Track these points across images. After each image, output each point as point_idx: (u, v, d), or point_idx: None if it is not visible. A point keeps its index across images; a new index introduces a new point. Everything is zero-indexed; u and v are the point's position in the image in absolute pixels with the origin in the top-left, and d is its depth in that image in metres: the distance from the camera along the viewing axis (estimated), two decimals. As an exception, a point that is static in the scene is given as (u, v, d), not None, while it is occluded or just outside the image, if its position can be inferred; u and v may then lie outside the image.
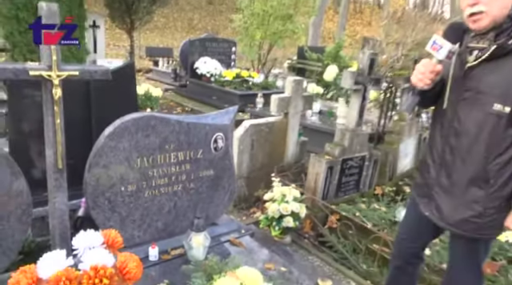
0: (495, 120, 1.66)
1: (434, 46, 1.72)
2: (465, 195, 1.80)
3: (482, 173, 1.74)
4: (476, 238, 1.87)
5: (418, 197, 2.05)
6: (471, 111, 1.73)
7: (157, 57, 12.07)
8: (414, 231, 2.15)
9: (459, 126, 1.78)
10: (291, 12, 9.49)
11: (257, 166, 3.82)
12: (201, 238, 2.13)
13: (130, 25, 7.63)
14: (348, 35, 22.77)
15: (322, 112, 6.21)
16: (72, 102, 2.66)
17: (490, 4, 1.59)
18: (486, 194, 1.76)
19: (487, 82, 1.68)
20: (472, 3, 1.62)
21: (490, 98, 1.66)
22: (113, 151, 2.04)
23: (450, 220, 1.87)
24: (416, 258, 2.21)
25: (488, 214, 1.78)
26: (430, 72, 1.73)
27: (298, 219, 3.11)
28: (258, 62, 10.31)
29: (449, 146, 1.84)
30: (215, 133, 2.40)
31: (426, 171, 1.98)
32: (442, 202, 1.89)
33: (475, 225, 1.81)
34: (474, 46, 1.73)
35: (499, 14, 1.61)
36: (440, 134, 1.90)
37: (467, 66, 1.73)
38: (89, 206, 2.07)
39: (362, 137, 3.79)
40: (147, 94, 6.11)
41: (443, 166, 1.88)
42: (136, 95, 3.02)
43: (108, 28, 13.29)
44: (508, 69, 1.63)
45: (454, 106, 1.80)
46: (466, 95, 1.74)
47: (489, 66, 1.67)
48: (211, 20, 24.72)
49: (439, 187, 1.90)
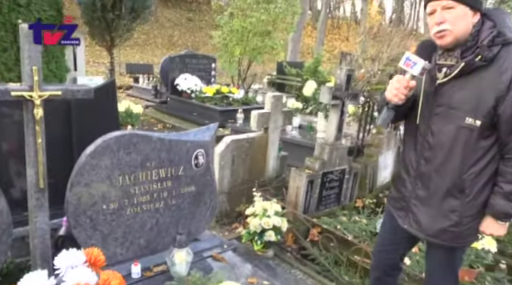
0: (467, 133, 1.75)
1: (407, 63, 1.80)
2: (442, 206, 1.88)
3: (458, 183, 1.82)
4: (454, 246, 1.94)
5: (395, 210, 2.11)
6: (444, 125, 1.81)
7: (137, 73, 12.09)
8: (390, 243, 2.20)
9: (433, 140, 1.86)
10: (270, 28, 9.64)
11: (238, 182, 3.85)
12: (183, 255, 2.15)
13: (109, 42, 7.62)
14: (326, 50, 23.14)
15: (302, 126, 6.31)
16: (53, 120, 2.66)
17: (454, 23, 1.71)
18: (462, 203, 1.83)
19: (458, 97, 1.76)
20: (439, 22, 1.72)
21: (461, 113, 1.75)
22: (94, 169, 2.05)
23: (429, 231, 1.94)
24: (394, 269, 2.26)
25: (465, 223, 1.85)
26: (404, 87, 1.80)
27: (280, 233, 3.15)
28: (238, 77, 10.41)
29: (424, 159, 1.91)
30: (196, 149, 2.43)
31: (402, 185, 2.04)
32: (420, 214, 1.95)
33: (453, 234, 1.88)
34: (442, 63, 1.82)
35: (462, 33, 1.72)
36: (414, 148, 1.97)
37: (438, 83, 1.82)
38: (70, 224, 2.06)
39: (341, 150, 3.86)
40: (128, 110, 6.10)
41: (419, 178, 1.94)
42: (117, 113, 3.04)
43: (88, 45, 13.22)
44: (476, 84, 1.72)
45: (426, 120, 1.88)
46: (439, 110, 1.83)
47: (458, 83, 1.76)
48: (191, 36, 24.86)
49: (416, 200, 1.97)
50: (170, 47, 22.32)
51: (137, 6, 7.26)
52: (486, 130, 1.74)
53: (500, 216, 1.81)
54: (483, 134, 1.75)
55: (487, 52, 1.68)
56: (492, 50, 1.68)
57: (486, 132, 1.75)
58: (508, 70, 1.66)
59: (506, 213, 1.79)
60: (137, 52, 20.55)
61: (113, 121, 2.94)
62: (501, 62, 1.68)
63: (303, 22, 18.27)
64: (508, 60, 1.67)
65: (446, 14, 1.71)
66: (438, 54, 1.86)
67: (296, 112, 6.43)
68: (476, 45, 1.71)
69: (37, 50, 1.76)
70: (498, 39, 1.69)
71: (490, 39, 1.69)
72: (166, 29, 24.52)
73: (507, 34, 1.69)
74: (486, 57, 1.68)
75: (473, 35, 1.73)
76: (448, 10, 1.70)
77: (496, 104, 1.68)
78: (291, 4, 9.88)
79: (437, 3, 1.72)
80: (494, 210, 1.81)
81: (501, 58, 1.68)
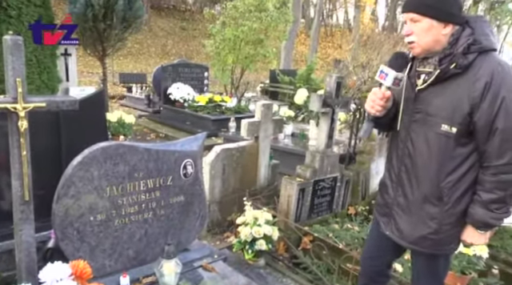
0: (444, 140, 1.77)
1: (381, 75, 1.84)
2: (421, 213, 1.89)
3: (436, 191, 1.83)
4: (435, 253, 1.95)
5: (379, 216, 2.13)
6: (422, 132, 1.84)
7: (130, 83, 12.08)
8: (376, 250, 2.22)
9: (412, 147, 1.89)
10: (262, 37, 9.68)
11: (229, 191, 3.84)
12: (172, 265, 2.14)
13: (101, 52, 7.60)
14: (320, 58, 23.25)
15: (295, 134, 6.32)
16: (41, 131, 2.66)
17: (419, 35, 1.76)
18: (440, 211, 1.84)
19: (434, 104, 1.79)
20: (407, 34, 1.78)
21: (438, 120, 1.77)
22: (81, 181, 2.04)
23: (409, 238, 1.95)
24: (381, 276, 2.27)
25: (444, 231, 1.86)
26: (380, 99, 1.84)
27: (271, 242, 3.14)
28: (231, 86, 10.43)
29: (404, 166, 1.93)
30: (184, 159, 2.43)
31: (385, 191, 2.07)
32: (401, 221, 1.97)
33: (432, 241, 1.89)
34: (421, 70, 1.86)
35: (429, 45, 1.76)
36: (396, 155, 2.00)
37: (417, 89, 1.85)
38: (57, 237, 2.05)
39: (332, 158, 3.87)
40: (120, 121, 6.06)
41: (400, 185, 1.97)
42: (106, 123, 3.03)
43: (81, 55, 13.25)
44: (452, 92, 1.74)
45: (406, 127, 1.91)
46: (417, 117, 1.86)
47: (435, 90, 1.79)
48: (184, 45, 24.92)
49: (397, 206, 1.99)
50: (164, 56, 22.37)
51: (128, 15, 7.25)
52: (462, 138, 1.75)
53: (479, 225, 1.81)
54: (460, 142, 1.76)
55: (462, 59, 1.69)
56: (467, 57, 1.69)
57: (463, 139, 1.76)
58: (482, 78, 1.66)
59: (484, 222, 1.79)
60: (130, 61, 20.56)
61: (101, 131, 2.94)
62: (476, 69, 1.69)
63: (296, 30, 18.38)
64: (483, 68, 1.68)
65: (414, 27, 1.77)
66: (418, 61, 1.89)
67: (288, 120, 6.45)
68: (452, 54, 1.73)
69: (21, 62, 1.75)
70: (474, 47, 1.70)
71: (466, 47, 1.70)
72: (160, 38, 24.57)
73: (483, 42, 1.70)
74: (460, 64, 1.69)
75: (451, 43, 1.74)
76: (414, 24, 1.75)
77: (471, 111, 1.70)
78: (283, 12, 9.94)
79: (406, 15, 1.78)
80: (473, 220, 1.81)
81: (476, 66, 1.69)
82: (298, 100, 5.38)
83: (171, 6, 27.85)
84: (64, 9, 13.96)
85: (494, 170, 1.72)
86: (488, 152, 1.72)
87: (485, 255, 3.04)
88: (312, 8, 32.11)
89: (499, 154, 1.69)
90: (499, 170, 1.71)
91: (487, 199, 1.75)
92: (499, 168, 1.71)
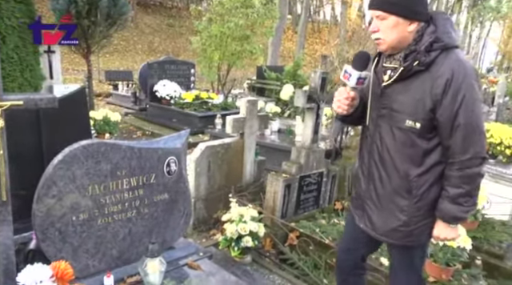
0: (409, 135, 1.82)
1: (345, 75, 1.87)
2: (391, 206, 1.95)
3: (404, 184, 1.88)
4: (407, 245, 2.00)
5: (354, 209, 2.18)
6: (389, 127, 1.88)
7: (116, 81, 11.97)
8: (352, 243, 2.26)
9: (380, 142, 1.93)
10: (248, 33, 9.65)
11: (215, 188, 3.83)
12: (156, 264, 2.12)
13: (86, 49, 7.51)
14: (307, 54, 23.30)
15: (281, 130, 6.33)
16: (21, 130, 2.62)
17: (385, 33, 1.79)
18: (409, 203, 1.90)
19: (399, 100, 1.83)
20: (373, 31, 1.81)
21: (402, 116, 1.82)
22: (62, 180, 2.01)
23: (380, 231, 2.01)
24: (357, 268, 2.31)
25: (414, 223, 1.92)
26: (345, 99, 1.87)
27: (257, 239, 3.14)
28: (217, 83, 10.39)
29: (373, 161, 1.98)
30: (167, 157, 2.40)
31: (358, 185, 2.12)
32: (373, 214, 2.03)
33: (403, 233, 1.95)
34: (387, 66, 1.90)
35: (395, 41, 1.79)
36: (366, 150, 2.04)
37: (382, 85, 1.89)
38: (38, 238, 2.01)
39: (318, 153, 3.88)
40: (106, 119, 6.01)
41: (371, 179, 2.02)
42: (89, 121, 2.99)
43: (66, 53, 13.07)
44: (415, 88, 1.78)
45: (374, 122, 1.95)
46: (383, 112, 1.90)
47: (400, 86, 1.83)
48: (171, 42, 24.77)
49: (369, 200, 2.04)
50: (151, 53, 22.20)
51: (113, 12, 7.17)
52: (426, 133, 1.80)
53: (449, 220, 1.86)
54: (425, 136, 1.81)
55: (424, 57, 1.73)
56: (430, 55, 1.73)
57: (428, 134, 1.81)
58: (444, 75, 1.71)
59: (454, 216, 1.84)
60: (116, 58, 20.38)
61: (84, 129, 2.89)
62: (438, 67, 1.73)
63: (283, 27, 18.36)
64: (445, 65, 1.72)
65: (380, 24, 1.79)
66: (384, 57, 1.93)
67: (275, 116, 6.44)
68: (416, 51, 1.77)
69: (-3, 60, 1.71)
70: (436, 45, 1.74)
71: (428, 45, 1.74)
72: (146, 35, 24.38)
73: (445, 40, 1.74)
74: (423, 62, 1.73)
75: (416, 40, 1.78)
76: (380, 21, 1.78)
77: (434, 107, 1.74)
78: (269, 9, 9.92)
79: (372, 12, 1.81)
80: (443, 214, 1.85)
81: (438, 63, 1.73)
82: (284, 96, 5.39)
83: (158, 2, 27.64)
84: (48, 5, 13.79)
85: (459, 166, 1.77)
86: (452, 148, 1.77)
87: (468, 247, 3.08)
88: (299, 4, 32.11)
89: (463, 149, 1.75)
90: (464, 165, 1.76)
91: (455, 194, 1.79)
92: (464, 163, 1.75)
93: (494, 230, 3.68)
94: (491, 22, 35.23)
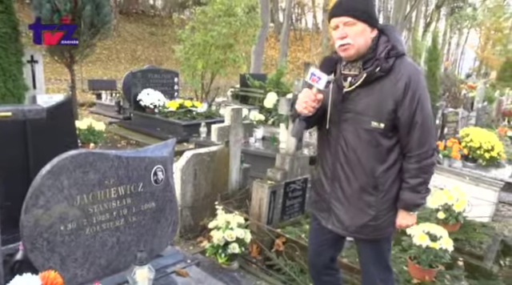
0: (374, 135, 1.97)
1: (312, 78, 1.95)
2: (359, 203, 2.07)
3: (371, 181, 2.02)
4: (377, 239, 2.14)
5: (318, 212, 2.27)
6: (353, 129, 2.01)
7: (100, 90, 11.91)
8: (319, 245, 2.35)
9: (345, 143, 2.04)
10: (231, 41, 9.73)
11: (201, 196, 3.86)
12: (145, 272, 2.14)
13: (69, 58, 7.48)
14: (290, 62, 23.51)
15: (266, 138, 6.38)
16: (7, 141, 2.62)
17: (354, 39, 1.91)
18: (377, 199, 2.04)
19: (363, 104, 1.97)
20: (341, 37, 1.92)
21: (367, 118, 1.96)
22: (51, 190, 2.02)
23: (351, 228, 2.11)
24: (328, 269, 2.40)
25: (381, 216, 2.06)
26: (312, 101, 1.96)
27: (244, 245, 3.18)
28: (201, 91, 10.42)
29: (339, 162, 2.08)
30: (154, 166, 2.43)
31: (321, 188, 2.21)
32: (341, 213, 2.12)
33: (372, 227, 2.08)
34: (347, 73, 2.03)
35: (362, 46, 1.93)
36: (329, 152, 2.14)
37: (344, 91, 2.01)
38: (26, 248, 2.02)
39: (302, 160, 3.94)
40: (90, 128, 5.99)
41: (336, 180, 2.12)
42: (76, 132, 3.00)
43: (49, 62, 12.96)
44: (377, 92, 1.94)
45: (337, 126, 2.06)
46: (347, 116, 2.02)
47: (362, 91, 1.97)
48: (154, 51, 24.75)
49: (335, 200, 2.13)
50: (134, 62, 22.15)
51: (96, 21, 7.17)
52: (389, 132, 1.97)
53: (410, 207, 2.06)
54: (387, 135, 1.97)
55: (385, 64, 1.90)
56: (388, 61, 1.91)
57: (389, 133, 1.97)
58: (402, 78, 1.90)
59: (415, 204, 2.04)
60: (99, 68, 20.26)
61: (71, 140, 2.90)
62: (396, 71, 1.91)
63: (265, 35, 18.51)
64: (402, 70, 1.91)
65: (348, 30, 1.91)
66: (342, 65, 2.05)
67: (259, 124, 6.50)
68: (375, 57, 1.94)
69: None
70: (393, 52, 1.92)
71: (386, 52, 1.92)
72: (129, 43, 24.32)
73: (399, 48, 1.93)
74: (383, 68, 1.90)
75: (372, 48, 1.95)
76: (349, 27, 1.90)
77: (395, 108, 1.92)
78: (252, 17, 10.03)
79: (339, 20, 1.92)
80: (406, 204, 2.04)
81: (396, 68, 1.91)
82: (268, 103, 5.45)
83: (140, 11, 27.62)
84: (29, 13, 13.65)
85: (417, 158, 1.97)
86: (410, 143, 1.97)
87: (450, 249, 3.16)
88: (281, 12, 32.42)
89: (419, 144, 1.95)
90: (421, 157, 1.97)
91: (415, 184, 1.99)
92: (421, 155, 1.97)
93: (474, 232, 3.80)
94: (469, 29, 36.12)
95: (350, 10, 1.89)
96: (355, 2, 1.91)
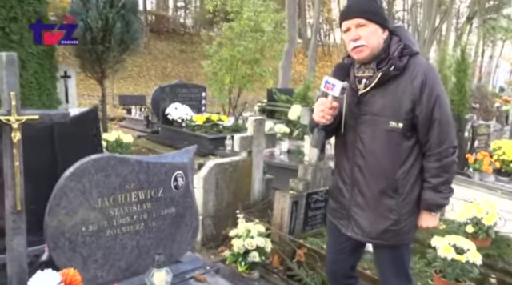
0: (393, 136, 1.94)
1: (327, 86, 1.96)
2: (379, 207, 2.02)
3: (391, 184, 1.98)
4: (397, 244, 2.08)
5: (337, 220, 2.22)
6: (371, 131, 1.98)
7: (130, 105, 12.25)
8: (338, 254, 2.30)
9: (363, 147, 2.01)
10: (258, 56, 9.85)
11: (223, 205, 3.89)
12: (162, 275, 2.16)
13: (100, 74, 7.77)
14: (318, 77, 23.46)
15: (291, 151, 6.39)
16: (37, 148, 2.73)
17: (368, 39, 1.91)
18: (397, 202, 1.99)
19: (379, 104, 1.95)
20: (355, 39, 1.92)
21: (384, 118, 1.94)
22: (73, 192, 2.09)
23: (371, 234, 2.06)
24: (348, 278, 2.34)
25: (403, 220, 2.01)
26: (329, 109, 1.96)
27: (264, 254, 3.16)
28: (228, 105, 10.55)
29: (357, 166, 2.05)
30: (175, 171, 2.48)
31: (340, 195, 2.17)
32: (361, 219, 2.08)
33: (394, 232, 2.02)
34: (361, 76, 2.01)
35: (375, 47, 1.93)
36: (346, 157, 2.11)
37: (360, 93, 2.00)
38: (49, 247, 2.09)
39: (325, 171, 3.92)
40: (118, 140, 6.15)
41: (355, 185, 2.08)
42: (100, 138, 3.10)
43: (82, 79, 13.46)
44: (393, 91, 1.93)
45: (353, 129, 2.04)
46: (364, 119, 2.00)
47: (377, 91, 1.96)
48: (184, 67, 25.25)
49: (355, 206, 2.09)
50: (164, 79, 22.61)
51: (126, 38, 7.44)
52: (407, 132, 1.95)
53: (433, 208, 2.02)
54: (406, 135, 1.95)
55: (399, 62, 1.90)
56: (402, 60, 1.91)
57: (408, 133, 1.95)
58: (418, 76, 1.90)
59: (437, 204, 2.01)
60: (130, 84, 20.83)
61: (96, 146, 3.00)
62: (411, 69, 1.91)
63: (292, 50, 18.60)
64: (417, 68, 1.91)
65: (361, 32, 1.92)
66: (356, 68, 2.04)
67: (284, 137, 6.52)
68: (388, 57, 1.94)
69: (15, 77, 1.83)
70: (406, 51, 1.92)
71: (399, 51, 1.92)
72: (159, 61, 24.91)
73: (412, 47, 1.95)
74: (398, 66, 1.90)
75: (384, 49, 1.95)
76: (361, 28, 1.91)
77: (413, 106, 1.91)
78: (278, 32, 10.14)
79: (351, 22, 1.93)
80: (428, 204, 2.00)
81: (410, 67, 1.91)
82: (292, 115, 5.47)
83: (171, 29, 28.32)
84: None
85: (437, 157, 1.94)
86: (430, 142, 1.94)
87: (478, 262, 3.04)
88: (309, 29, 32.62)
89: (439, 141, 1.93)
90: (442, 156, 1.94)
91: (436, 183, 1.96)
92: (442, 153, 1.94)
93: (508, 248, 3.63)
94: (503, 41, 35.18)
95: (361, 11, 1.91)
96: (365, 3, 1.92)
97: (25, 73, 5.95)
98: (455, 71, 7.32)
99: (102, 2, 6.91)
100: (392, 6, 33.95)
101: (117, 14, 7.15)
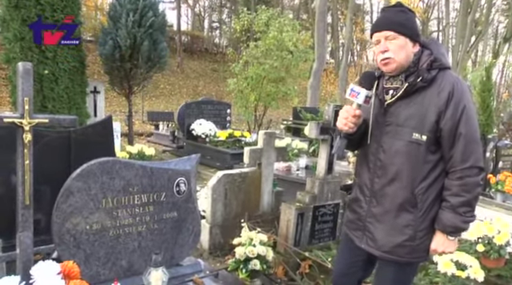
0: (415, 148, 1.91)
1: (352, 94, 2.00)
2: (396, 221, 1.98)
3: (410, 197, 1.94)
4: (410, 262, 2.02)
5: (351, 231, 2.21)
6: (394, 142, 1.97)
7: (158, 121, 12.64)
8: (349, 267, 2.28)
9: (384, 157, 2.00)
10: (283, 74, 10.02)
11: (231, 215, 3.99)
12: (159, 274, 2.28)
13: (128, 89, 8.13)
14: (348, 97, 23.39)
15: (309, 167, 6.45)
16: (53, 157, 2.95)
17: (396, 53, 1.93)
18: (415, 217, 1.94)
19: (404, 115, 1.95)
20: (383, 50, 1.95)
21: (408, 130, 1.92)
22: (79, 191, 2.26)
23: (385, 247, 2.01)
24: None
25: (419, 237, 1.96)
26: (352, 116, 1.99)
27: (266, 262, 3.23)
28: (254, 123, 10.73)
29: (377, 177, 2.03)
30: (177, 177, 2.62)
31: (358, 206, 2.16)
32: (376, 232, 2.04)
33: (408, 249, 1.97)
34: (389, 87, 2.03)
35: (403, 60, 1.94)
36: (367, 169, 2.10)
37: (386, 104, 2.01)
38: (55, 243, 2.25)
39: (333, 185, 3.97)
40: (140, 153, 6.40)
41: (373, 197, 2.06)
42: (114, 147, 3.29)
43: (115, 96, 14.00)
44: (419, 103, 1.92)
45: (377, 140, 2.04)
46: (388, 129, 2.00)
47: (403, 102, 1.96)
48: (215, 86, 25.76)
49: (372, 218, 2.06)
50: (195, 96, 23.11)
51: (153, 55, 7.79)
52: (431, 145, 1.91)
53: (449, 230, 1.91)
54: (430, 149, 1.91)
55: (426, 74, 1.90)
56: (431, 72, 1.90)
57: (432, 147, 1.91)
58: (445, 89, 1.87)
59: (454, 226, 1.89)
60: (162, 102, 21.42)
61: (109, 153, 3.19)
62: (438, 82, 1.90)
63: (321, 69, 18.72)
64: (444, 81, 1.89)
65: (389, 44, 1.93)
66: (385, 79, 2.06)
67: (302, 153, 6.59)
68: (417, 69, 1.93)
69: (29, 84, 2.02)
70: (436, 64, 1.92)
71: (429, 63, 1.92)
72: (192, 79, 25.54)
73: (442, 60, 1.93)
74: (425, 78, 1.89)
75: (414, 62, 1.95)
76: (390, 41, 1.93)
77: (437, 119, 1.87)
78: (304, 51, 10.29)
79: (381, 34, 1.95)
80: (444, 225, 1.90)
81: (438, 79, 1.90)
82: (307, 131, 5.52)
83: (203, 49, 29.08)
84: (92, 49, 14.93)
85: (459, 174, 1.86)
86: (453, 158, 1.87)
87: (480, 279, 3.01)
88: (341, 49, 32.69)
89: (463, 158, 1.85)
90: (464, 174, 1.85)
91: (456, 203, 1.86)
92: (464, 171, 1.85)
93: (520, 269, 3.56)
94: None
95: (390, 24, 1.93)
96: (396, 16, 1.94)
97: (56, 87, 6.34)
98: (480, 91, 7.24)
99: (131, 22, 7.28)
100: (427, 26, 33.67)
101: (145, 33, 7.51)
